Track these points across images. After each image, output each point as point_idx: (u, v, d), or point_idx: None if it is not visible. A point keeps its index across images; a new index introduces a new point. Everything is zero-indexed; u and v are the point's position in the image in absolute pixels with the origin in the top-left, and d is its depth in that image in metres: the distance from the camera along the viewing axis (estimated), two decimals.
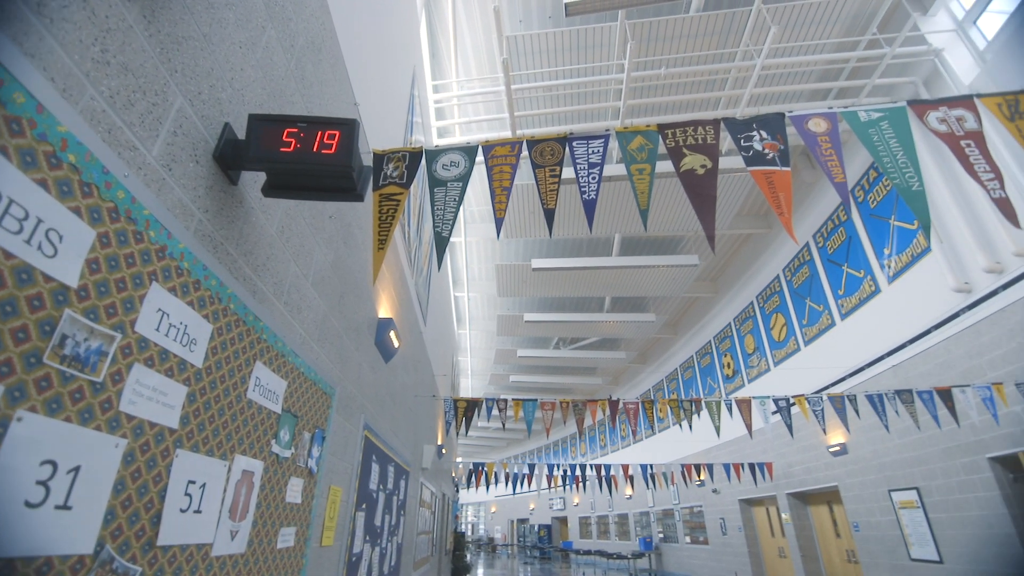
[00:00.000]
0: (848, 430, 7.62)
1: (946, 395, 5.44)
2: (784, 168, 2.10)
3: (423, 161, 2.15)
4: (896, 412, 5.82)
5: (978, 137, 2.23)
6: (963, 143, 2.21)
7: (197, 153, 1.46)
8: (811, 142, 2.19)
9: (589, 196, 2.21)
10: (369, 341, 3.59)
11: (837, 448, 8.17)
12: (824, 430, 6.61)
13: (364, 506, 3.43)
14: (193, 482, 1.38)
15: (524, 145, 2.28)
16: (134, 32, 1.19)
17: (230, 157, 1.59)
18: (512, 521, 30.80)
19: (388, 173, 2.06)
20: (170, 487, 1.28)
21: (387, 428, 4.32)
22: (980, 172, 2.14)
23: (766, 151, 2.12)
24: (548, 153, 2.24)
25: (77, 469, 0.98)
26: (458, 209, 2.06)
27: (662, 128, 2.25)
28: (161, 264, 1.26)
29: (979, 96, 2.30)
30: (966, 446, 5.98)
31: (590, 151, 2.23)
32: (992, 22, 6.04)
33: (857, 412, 5.96)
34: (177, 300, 1.32)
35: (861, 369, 7.76)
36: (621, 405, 6.44)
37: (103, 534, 1.06)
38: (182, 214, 1.38)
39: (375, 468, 3.79)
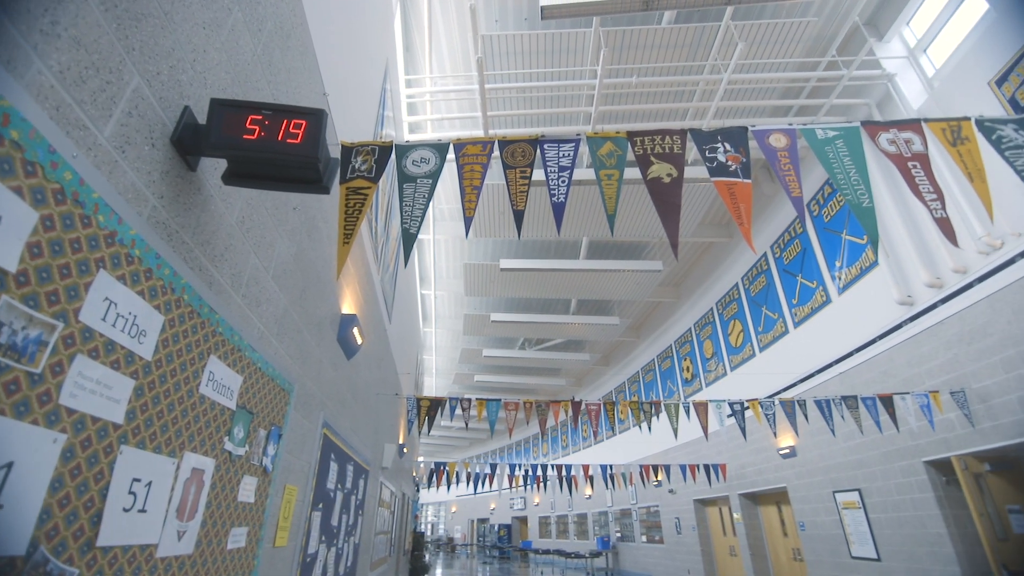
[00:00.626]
0: (797, 433, 7.96)
1: (887, 402, 5.75)
2: (745, 180, 2.17)
3: (393, 156, 2.12)
4: (842, 417, 6.11)
5: (924, 159, 2.37)
6: (910, 164, 2.34)
7: (153, 136, 1.40)
8: (771, 156, 2.27)
9: (558, 199, 2.23)
10: (331, 337, 3.51)
11: (787, 451, 8.51)
12: (775, 433, 6.89)
13: (321, 506, 3.35)
14: (138, 480, 1.32)
15: (496, 145, 2.28)
16: (88, 5, 1.13)
17: (189, 142, 1.53)
18: (472, 521, 30.74)
19: (356, 166, 2.02)
20: (112, 485, 1.22)
21: (347, 426, 4.24)
22: (924, 192, 2.27)
23: (729, 163, 2.20)
24: (519, 154, 2.25)
25: (10, 466, 0.93)
26: (427, 206, 2.04)
27: (631, 136, 2.30)
28: (110, 251, 1.20)
29: (926, 121, 2.45)
30: (904, 450, 6.33)
31: (561, 154, 2.25)
32: (941, 51, 6.43)
33: (806, 416, 6.22)
34: (126, 289, 1.26)
35: (811, 375, 8.12)
36: (583, 406, 6.52)
37: (37, 534, 1.00)
38: (135, 199, 1.32)
39: (333, 467, 3.71)
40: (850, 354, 7.34)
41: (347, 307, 3.94)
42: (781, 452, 8.65)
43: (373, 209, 4.91)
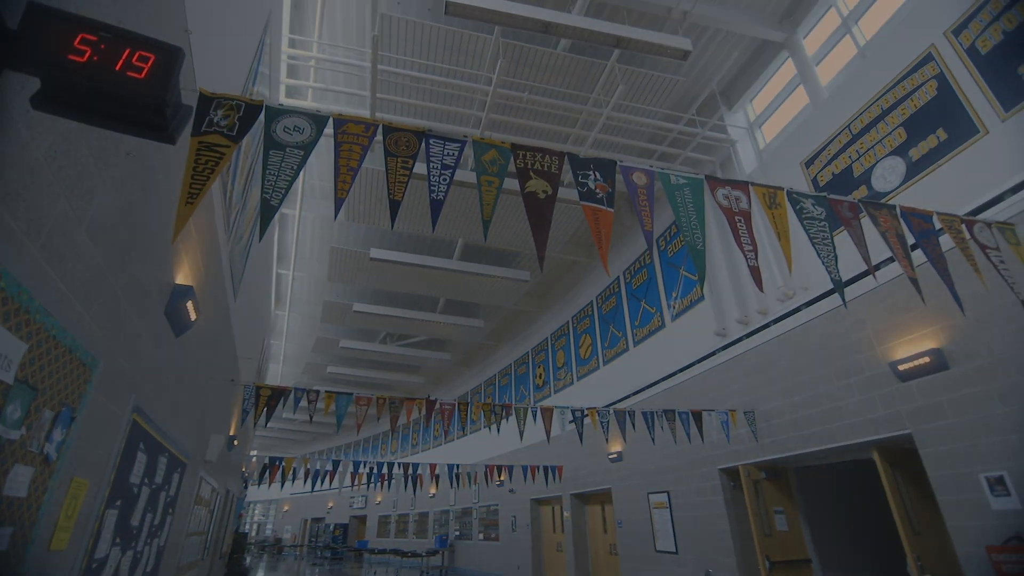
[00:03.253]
0: (625, 440, 8.86)
1: (698, 417, 6.71)
2: (609, 208, 2.39)
3: (262, 117, 1.93)
4: (661, 428, 6.95)
5: (747, 216, 2.82)
6: (736, 218, 2.78)
7: None
8: (633, 191, 2.53)
9: (438, 196, 2.23)
10: (157, 309, 3.05)
11: (615, 455, 9.44)
12: (607, 439, 7.61)
13: (119, 503, 2.88)
14: None
15: (380, 129, 2.20)
16: None
17: None
18: (306, 520, 28.81)
19: (216, 120, 1.81)
20: None
21: (165, 412, 3.71)
22: (744, 243, 2.71)
23: (597, 191, 2.40)
24: (404, 144, 2.20)
25: None
26: (294, 179, 1.90)
27: (515, 148, 2.39)
28: None
29: (753, 184, 2.93)
30: (705, 459, 7.43)
31: (445, 152, 2.26)
32: (772, 129, 7.76)
33: (634, 425, 6.98)
34: None
35: (642, 390, 9.13)
36: (437, 405, 6.54)
37: None
38: None
39: (141, 458, 3.22)
40: (674, 373, 8.42)
41: (183, 277, 3.47)
42: (610, 456, 9.56)
43: (231, 171, 4.40)
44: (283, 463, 10.37)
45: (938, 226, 3.43)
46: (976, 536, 4.18)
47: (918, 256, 4.25)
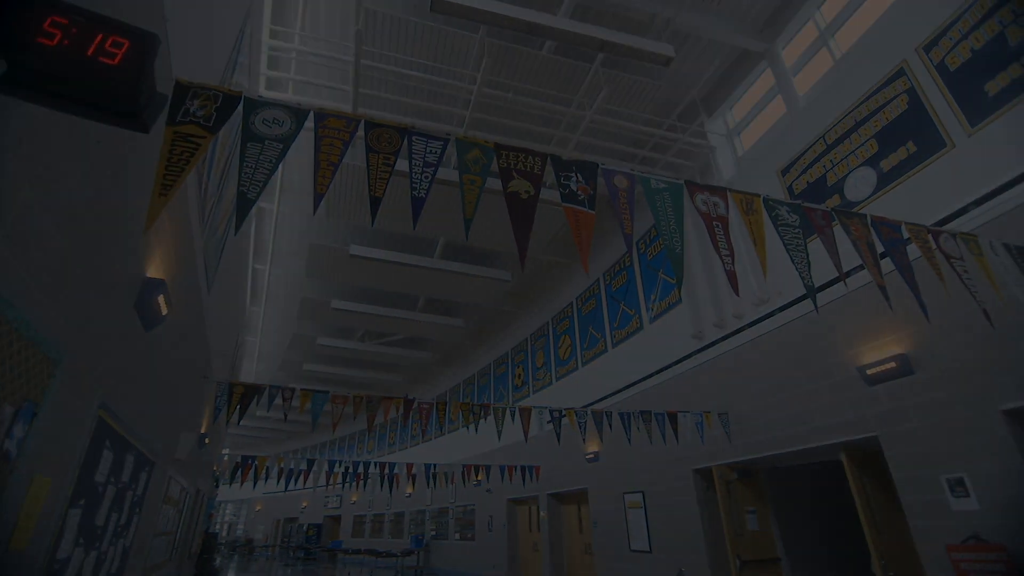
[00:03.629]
0: (602, 441, 8.95)
1: (673, 418, 6.80)
2: (590, 211, 2.41)
3: (240, 108, 1.90)
4: (638, 428, 7.02)
5: (724, 221, 2.87)
6: (714, 223, 2.83)
7: None
8: (614, 194, 2.56)
9: (419, 194, 2.21)
10: (127, 302, 2.97)
11: (592, 456, 9.51)
12: (584, 440, 7.66)
13: (83, 502, 2.79)
14: None
15: (362, 125, 2.18)
16: None
17: None
18: (279, 520, 28.32)
19: (192, 110, 1.77)
20: None
21: (133, 409, 3.61)
22: (721, 248, 2.76)
23: (579, 192, 2.41)
24: (385, 140, 2.19)
25: None
26: (272, 172, 1.87)
27: (499, 147, 2.39)
28: None
29: (731, 191, 2.98)
30: (680, 459, 7.54)
31: (428, 150, 2.25)
32: (750, 137, 7.91)
33: (611, 426, 7.04)
34: None
35: (620, 391, 9.22)
36: (416, 404, 6.50)
37: None
38: None
39: (107, 456, 3.12)
40: (651, 375, 8.52)
41: (154, 270, 3.37)
42: (587, 457, 9.63)
43: (207, 162, 4.30)
44: (256, 462, 10.17)
45: (906, 236, 3.54)
46: (937, 536, 4.33)
47: (887, 264, 4.38)
